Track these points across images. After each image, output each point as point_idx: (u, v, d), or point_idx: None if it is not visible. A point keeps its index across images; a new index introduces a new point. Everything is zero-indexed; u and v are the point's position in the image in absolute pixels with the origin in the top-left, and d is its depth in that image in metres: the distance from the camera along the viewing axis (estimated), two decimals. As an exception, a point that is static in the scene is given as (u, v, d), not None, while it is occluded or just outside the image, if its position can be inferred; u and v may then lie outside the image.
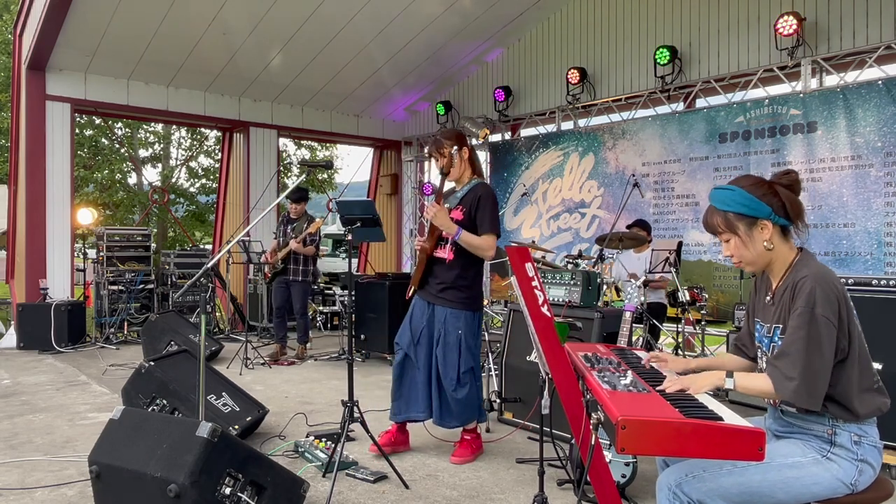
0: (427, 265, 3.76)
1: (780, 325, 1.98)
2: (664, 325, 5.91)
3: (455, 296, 3.67)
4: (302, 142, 19.15)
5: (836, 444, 1.92)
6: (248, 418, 4.04)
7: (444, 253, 3.67)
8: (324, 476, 3.49)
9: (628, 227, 6.11)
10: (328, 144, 19.07)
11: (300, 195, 7.06)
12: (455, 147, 3.69)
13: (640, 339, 5.24)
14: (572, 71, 8.14)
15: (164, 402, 3.89)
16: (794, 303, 1.92)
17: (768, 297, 2.10)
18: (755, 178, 2.04)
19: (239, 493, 2.54)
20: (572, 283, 4.23)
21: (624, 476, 3.15)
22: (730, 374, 1.98)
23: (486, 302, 7.41)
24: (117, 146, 18.43)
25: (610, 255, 5.60)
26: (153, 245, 9.72)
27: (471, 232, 3.63)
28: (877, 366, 2.04)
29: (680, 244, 6.01)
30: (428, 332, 3.74)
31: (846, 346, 1.90)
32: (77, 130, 16.02)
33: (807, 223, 2.04)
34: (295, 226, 6.88)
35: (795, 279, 1.95)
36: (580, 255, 5.83)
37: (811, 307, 1.86)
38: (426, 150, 3.73)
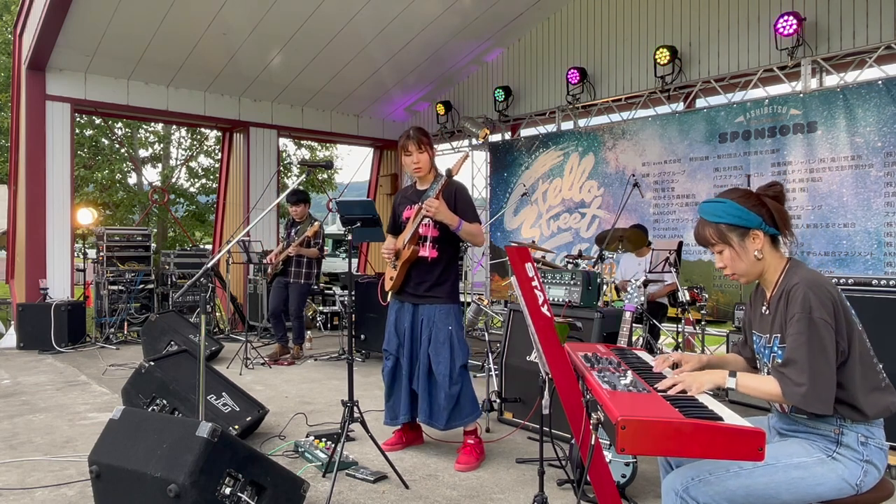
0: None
1: (779, 335, 1.98)
2: (664, 324, 5.91)
3: (442, 291, 3.74)
4: (302, 142, 19.14)
5: (843, 443, 1.91)
6: (248, 418, 4.04)
7: (426, 252, 3.70)
8: (324, 476, 3.49)
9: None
10: (328, 144, 19.07)
11: (298, 197, 6.93)
12: (430, 147, 3.79)
13: (640, 339, 5.24)
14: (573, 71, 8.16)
15: (164, 402, 3.89)
16: (790, 310, 1.92)
17: (764, 308, 2.11)
18: (743, 191, 2.08)
19: (239, 493, 2.54)
20: (572, 283, 4.23)
21: (624, 476, 3.15)
22: (732, 374, 1.96)
23: (485, 302, 7.42)
24: (117, 146, 18.42)
25: (609, 256, 5.59)
26: (153, 245, 9.71)
27: None
28: (878, 366, 2.03)
29: (680, 244, 6.01)
30: (410, 334, 3.80)
31: (846, 349, 1.90)
32: (77, 130, 16.03)
33: (793, 232, 2.09)
34: (298, 229, 6.86)
35: (787, 287, 1.97)
36: (580, 255, 5.83)
37: (808, 312, 1.87)
38: (401, 143, 3.77)
